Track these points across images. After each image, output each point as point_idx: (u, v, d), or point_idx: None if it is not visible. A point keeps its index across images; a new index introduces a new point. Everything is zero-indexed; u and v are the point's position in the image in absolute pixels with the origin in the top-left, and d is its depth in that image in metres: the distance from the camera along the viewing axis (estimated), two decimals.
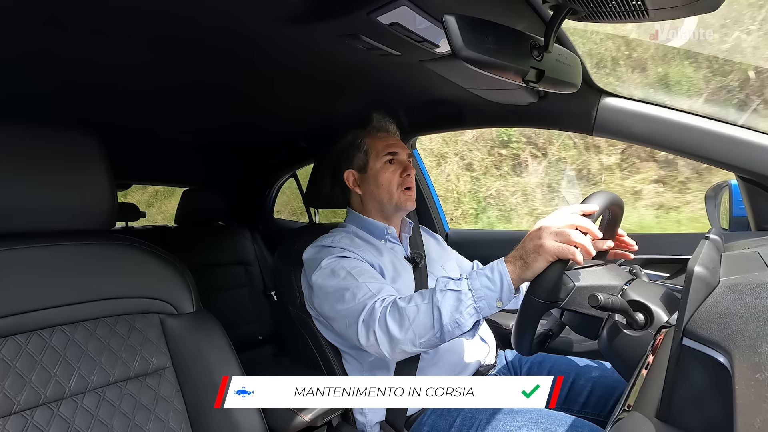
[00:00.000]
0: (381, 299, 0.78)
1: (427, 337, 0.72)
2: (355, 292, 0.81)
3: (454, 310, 0.69)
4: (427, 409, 0.89)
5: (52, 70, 0.87)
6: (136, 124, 1.35)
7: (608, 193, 0.72)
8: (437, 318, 0.70)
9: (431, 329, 0.71)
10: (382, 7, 0.63)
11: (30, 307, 0.62)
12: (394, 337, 0.73)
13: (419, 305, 0.72)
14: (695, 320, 0.38)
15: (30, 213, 0.63)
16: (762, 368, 0.29)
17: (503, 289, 0.68)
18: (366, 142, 1.02)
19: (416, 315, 0.72)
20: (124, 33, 0.73)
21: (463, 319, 0.69)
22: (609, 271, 0.70)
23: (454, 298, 0.69)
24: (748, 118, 2.31)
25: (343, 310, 0.82)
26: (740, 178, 0.92)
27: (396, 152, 1.01)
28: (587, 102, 0.97)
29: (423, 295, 0.74)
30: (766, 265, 0.47)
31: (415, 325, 0.72)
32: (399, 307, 0.74)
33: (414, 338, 0.72)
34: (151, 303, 0.74)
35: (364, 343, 0.78)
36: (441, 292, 0.71)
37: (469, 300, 0.69)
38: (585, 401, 0.90)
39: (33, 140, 0.64)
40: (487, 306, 0.69)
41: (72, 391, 0.63)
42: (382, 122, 1.05)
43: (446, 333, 0.70)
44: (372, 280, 0.84)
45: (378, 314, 0.75)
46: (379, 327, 0.75)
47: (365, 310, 0.78)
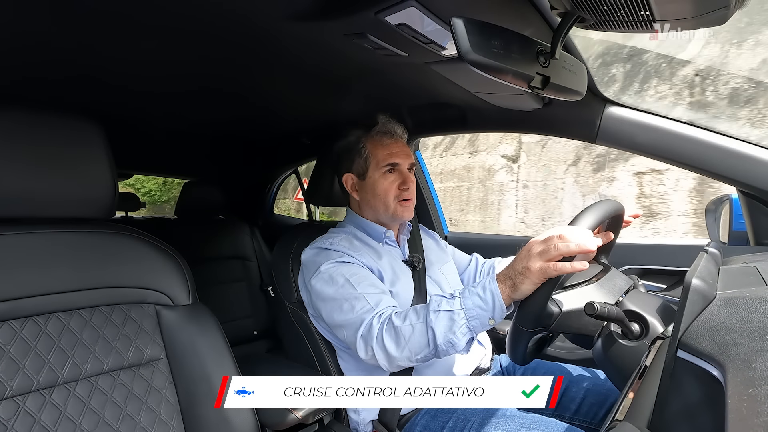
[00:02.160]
0: (378, 314, 0.79)
1: (423, 354, 0.74)
2: (354, 303, 0.82)
3: (448, 330, 0.70)
4: (420, 410, 0.89)
5: (58, 58, 0.87)
6: (138, 115, 1.35)
7: (602, 204, 0.72)
8: (431, 338, 0.72)
9: (426, 347, 0.73)
10: (391, 7, 0.63)
11: (26, 292, 0.62)
12: (391, 354, 0.75)
13: (414, 324, 0.74)
14: (690, 332, 0.38)
15: (29, 199, 0.63)
16: (755, 383, 0.29)
17: (495, 309, 0.68)
18: (368, 147, 0.99)
19: (411, 334, 0.73)
20: (131, 24, 0.73)
21: (457, 339, 0.70)
22: (600, 287, 0.70)
23: (447, 318, 0.71)
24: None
25: (342, 321, 0.84)
26: (741, 193, 0.92)
27: (397, 163, 0.98)
28: (591, 110, 0.97)
29: (417, 312, 0.75)
30: (764, 280, 0.48)
31: (411, 344, 0.74)
32: (395, 325, 0.75)
33: (410, 355, 0.74)
34: (147, 293, 0.74)
35: (363, 357, 0.80)
36: (434, 313, 0.72)
37: (461, 320, 0.70)
38: (577, 408, 0.90)
39: (35, 126, 0.64)
40: (480, 324, 0.70)
41: (65, 378, 0.63)
42: (388, 126, 1.01)
43: (441, 351, 0.73)
44: (370, 289, 0.84)
45: (375, 332, 0.77)
46: (377, 344, 0.77)
47: (363, 326, 0.79)
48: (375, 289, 0.85)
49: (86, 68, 0.93)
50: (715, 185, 2.37)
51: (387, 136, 1.01)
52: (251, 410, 0.76)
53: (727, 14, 0.49)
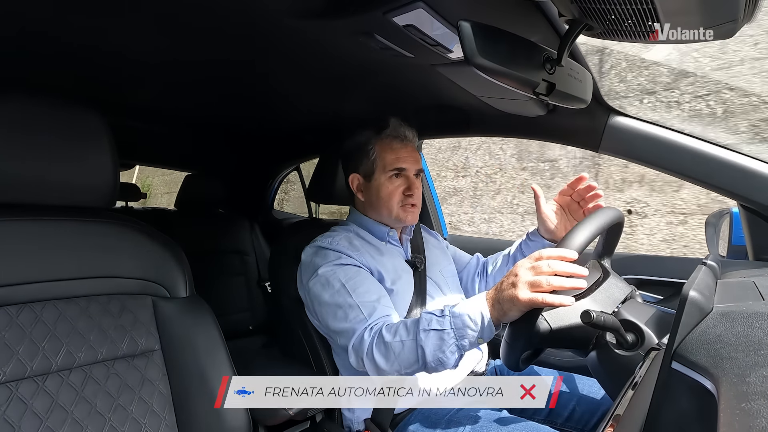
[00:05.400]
0: (370, 327, 0.80)
1: (412, 370, 0.75)
2: (348, 312, 0.83)
3: (437, 349, 0.71)
4: (413, 410, 0.89)
5: (61, 46, 0.87)
6: (143, 106, 1.35)
7: (600, 217, 0.72)
8: (421, 355, 0.72)
9: (416, 363, 0.73)
10: (399, 8, 0.63)
11: (23, 279, 0.62)
12: (380, 368, 0.76)
13: (404, 341, 0.74)
14: (685, 344, 0.38)
15: (29, 185, 0.63)
16: (749, 398, 0.29)
17: (484, 330, 0.69)
18: (376, 150, 0.98)
19: (401, 350, 0.74)
20: (137, 15, 0.73)
21: (446, 358, 0.71)
22: (591, 303, 0.69)
23: (437, 337, 0.71)
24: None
25: (335, 329, 0.85)
26: (742, 207, 0.92)
27: (404, 168, 0.97)
28: (596, 119, 0.97)
29: (408, 329, 0.75)
30: (761, 295, 0.48)
31: (401, 360, 0.74)
32: (385, 341, 0.76)
33: (400, 369, 0.75)
34: (145, 284, 0.74)
35: (354, 365, 0.81)
36: (424, 332, 0.72)
37: (451, 339, 0.70)
38: (569, 415, 0.90)
39: (37, 114, 0.64)
40: (469, 344, 0.70)
41: (58, 366, 0.62)
42: (399, 130, 0.99)
43: (430, 368, 0.73)
44: (365, 296, 0.84)
45: (366, 346, 0.78)
46: (367, 357, 0.77)
47: (355, 338, 0.80)
48: (370, 296, 0.85)
49: (89, 57, 0.93)
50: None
51: (397, 140, 0.99)
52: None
53: (735, 28, 0.49)
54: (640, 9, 0.48)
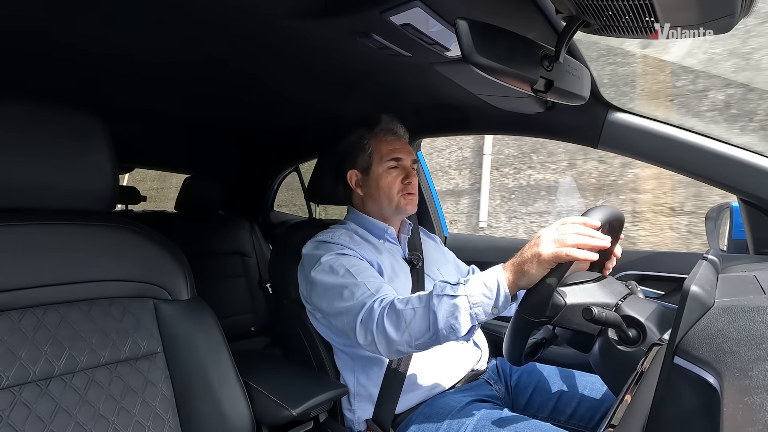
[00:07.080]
0: (380, 299, 0.79)
1: (423, 340, 0.72)
2: (354, 290, 0.82)
3: (450, 315, 0.69)
4: (415, 410, 0.89)
5: (59, 49, 0.87)
6: (142, 109, 1.35)
7: (608, 207, 0.72)
8: (433, 322, 0.70)
9: (427, 332, 0.71)
10: (396, 7, 0.63)
11: (25, 284, 0.62)
12: (390, 338, 0.74)
13: (416, 308, 0.73)
14: (688, 339, 0.38)
15: (30, 189, 0.63)
16: (751, 392, 0.29)
17: (499, 297, 0.68)
18: (371, 144, 1.01)
19: (413, 318, 0.72)
20: (135, 16, 0.73)
21: (459, 325, 0.69)
22: (602, 288, 0.70)
23: (451, 303, 0.70)
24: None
25: (342, 308, 0.82)
26: (742, 201, 0.92)
27: (400, 158, 1.00)
28: (594, 115, 0.97)
29: (420, 298, 0.74)
30: (763, 289, 0.48)
31: (412, 328, 0.72)
32: (396, 309, 0.74)
33: (410, 340, 0.73)
34: (146, 287, 0.74)
35: (362, 342, 0.79)
36: (437, 297, 0.71)
37: (465, 306, 0.69)
38: (572, 412, 0.90)
39: (36, 117, 0.64)
40: (483, 312, 0.69)
41: (61, 370, 0.63)
42: (391, 124, 1.05)
43: (441, 337, 0.71)
44: (371, 279, 0.84)
45: (376, 315, 0.76)
46: (377, 327, 0.76)
47: (364, 310, 0.78)
48: (375, 279, 0.85)
49: (87, 60, 0.93)
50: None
51: (390, 133, 1.04)
52: (247, 406, 0.76)
53: (732, 22, 0.49)
54: (637, 4, 0.48)
